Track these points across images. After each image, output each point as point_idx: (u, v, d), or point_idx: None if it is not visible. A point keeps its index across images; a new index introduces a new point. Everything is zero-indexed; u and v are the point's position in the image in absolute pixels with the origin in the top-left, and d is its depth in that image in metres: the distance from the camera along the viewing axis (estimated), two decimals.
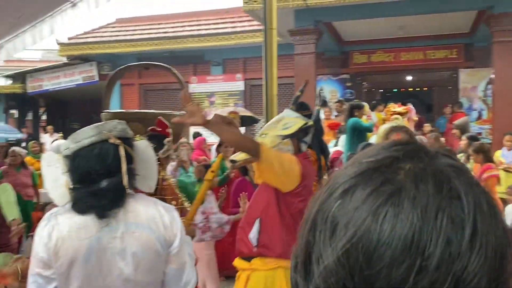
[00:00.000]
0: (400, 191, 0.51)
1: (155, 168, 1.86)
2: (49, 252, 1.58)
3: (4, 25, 4.86)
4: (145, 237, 1.62)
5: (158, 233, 1.65)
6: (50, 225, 1.61)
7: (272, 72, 4.16)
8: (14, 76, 18.18)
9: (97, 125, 1.69)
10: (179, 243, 1.70)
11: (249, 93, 14.44)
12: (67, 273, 1.58)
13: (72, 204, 1.63)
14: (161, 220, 1.67)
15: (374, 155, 0.55)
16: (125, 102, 15.51)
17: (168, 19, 16.16)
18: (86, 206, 1.60)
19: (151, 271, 1.64)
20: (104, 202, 1.60)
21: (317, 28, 9.65)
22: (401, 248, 0.48)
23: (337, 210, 0.53)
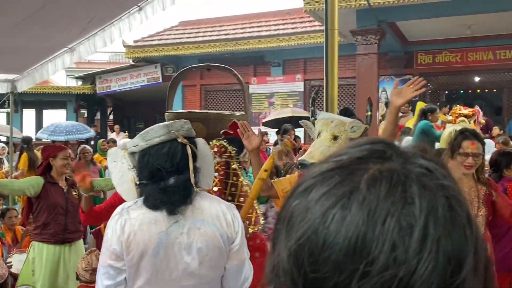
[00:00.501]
0: (351, 193, 0.49)
1: (212, 166, 1.90)
2: (121, 244, 1.65)
3: (76, 29, 5.11)
4: (209, 234, 1.67)
5: (222, 230, 1.69)
6: (123, 219, 1.68)
7: (333, 73, 4.11)
8: (84, 77, 19.13)
9: (166, 125, 1.75)
10: (240, 241, 1.74)
11: (308, 94, 14.36)
12: (137, 265, 1.65)
13: (144, 200, 1.70)
14: (224, 218, 1.72)
15: (340, 155, 0.54)
16: (187, 102, 15.89)
17: (230, 21, 16.39)
18: (157, 202, 1.66)
19: (214, 266, 1.69)
20: (175, 198, 1.66)
21: (380, 28, 9.45)
22: (345, 252, 0.46)
23: (295, 209, 0.52)
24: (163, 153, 1.69)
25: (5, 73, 6.88)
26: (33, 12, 4.18)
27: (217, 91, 15.75)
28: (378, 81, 10.00)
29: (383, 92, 12.90)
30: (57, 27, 4.91)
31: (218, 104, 15.66)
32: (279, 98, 14.54)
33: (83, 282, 3.46)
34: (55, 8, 4.19)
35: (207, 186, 1.90)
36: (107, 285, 1.68)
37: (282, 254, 0.51)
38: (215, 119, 5.49)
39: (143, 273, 1.65)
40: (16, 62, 6.22)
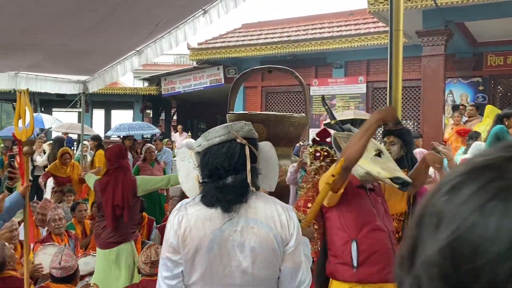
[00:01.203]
0: (510, 187, 0.49)
1: (276, 169, 1.92)
2: (178, 239, 1.73)
3: (143, 33, 5.31)
4: (263, 233, 1.69)
5: (275, 231, 1.70)
6: (181, 214, 1.76)
7: (397, 75, 4.02)
8: (150, 79, 19.80)
9: (226, 125, 1.81)
10: (295, 243, 1.74)
11: (371, 96, 14.10)
12: (192, 260, 1.71)
13: (201, 197, 1.76)
14: (279, 219, 1.73)
15: (486, 155, 0.55)
16: (248, 104, 16.05)
17: (292, 23, 16.40)
18: (213, 200, 1.71)
19: (267, 267, 1.70)
20: (230, 197, 1.70)
21: (448, 29, 9.11)
22: (508, 244, 0.46)
23: (444, 205, 0.53)
24: (222, 152, 1.74)
25: (78, 75, 7.25)
26: (104, 16, 4.39)
27: (278, 93, 15.79)
28: (444, 84, 9.65)
29: (450, 95, 12.43)
30: (126, 31, 5.13)
31: (279, 105, 15.70)
32: (341, 100, 14.37)
33: (144, 276, 3.58)
34: (125, 13, 4.38)
35: (270, 188, 1.92)
36: (165, 276, 1.77)
37: (430, 249, 0.52)
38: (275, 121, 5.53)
39: (198, 267, 1.71)
40: (88, 64, 6.54)
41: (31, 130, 3.66)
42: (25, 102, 3.68)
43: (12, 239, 4.29)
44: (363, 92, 14.02)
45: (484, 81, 12.34)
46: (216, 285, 1.72)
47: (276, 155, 1.97)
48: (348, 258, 2.41)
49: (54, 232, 4.85)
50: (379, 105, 13.91)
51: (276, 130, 5.26)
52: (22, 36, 4.64)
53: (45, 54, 5.51)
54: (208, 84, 16.86)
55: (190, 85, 17.38)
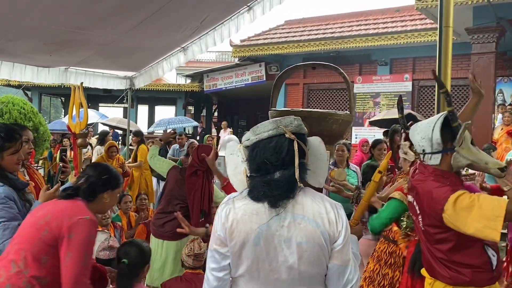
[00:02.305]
0: None
1: (325, 165, 1.90)
2: (225, 231, 1.74)
3: (189, 29, 5.37)
4: (310, 230, 1.67)
5: (323, 227, 1.69)
6: (228, 207, 1.77)
7: (446, 73, 3.90)
8: (193, 75, 20.06)
9: (275, 120, 1.79)
10: (343, 240, 1.71)
11: (417, 94, 13.77)
12: (239, 253, 1.72)
13: (249, 191, 1.76)
14: (326, 216, 1.71)
15: None
16: (289, 101, 16.00)
17: (336, 19, 16.22)
18: (260, 194, 1.71)
19: (314, 263, 1.69)
20: (277, 192, 1.69)
21: (499, 26, 8.78)
22: None
23: None
24: (270, 147, 1.73)
25: (125, 71, 7.41)
26: (151, 14, 4.47)
27: (320, 90, 15.67)
28: (495, 82, 9.31)
29: (500, 94, 11.99)
30: (172, 28, 5.21)
31: (321, 103, 15.58)
32: (385, 98, 14.11)
33: (187, 269, 3.62)
34: (171, 10, 4.44)
35: (318, 184, 1.88)
36: (212, 268, 1.78)
37: None
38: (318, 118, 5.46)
39: (245, 261, 1.71)
40: (134, 61, 6.68)
41: (84, 123, 3.77)
42: (80, 96, 3.79)
43: None
44: (409, 90, 13.71)
45: None
46: (262, 279, 1.72)
47: (325, 150, 1.93)
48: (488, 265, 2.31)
49: (102, 223, 4.99)
50: (425, 103, 13.57)
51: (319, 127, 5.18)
52: (73, 33, 4.79)
53: (94, 50, 5.66)
54: (250, 81, 16.92)
55: (232, 82, 17.50)
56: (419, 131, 2.43)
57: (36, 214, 2.36)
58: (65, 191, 2.45)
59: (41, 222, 2.28)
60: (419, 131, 2.43)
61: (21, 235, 2.32)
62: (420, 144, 2.41)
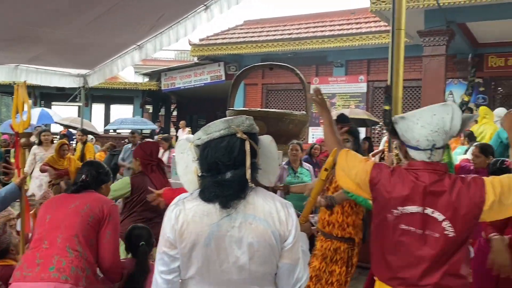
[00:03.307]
0: None
1: (276, 164, 1.91)
2: (175, 233, 1.72)
3: (144, 27, 5.29)
4: (261, 230, 1.67)
5: (274, 227, 1.69)
6: (178, 209, 1.74)
7: (398, 74, 4.02)
8: (151, 74, 19.78)
9: (227, 119, 1.79)
10: (293, 239, 1.73)
11: (371, 95, 14.11)
12: (189, 254, 1.70)
13: (200, 192, 1.75)
14: (277, 215, 1.71)
15: None
16: (248, 101, 16.05)
17: (293, 20, 16.38)
18: (211, 195, 1.70)
19: (264, 263, 1.69)
20: (228, 192, 1.68)
21: (449, 29, 9.10)
22: None
23: None
24: (221, 147, 1.72)
25: (78, 68, 7.23)
26: (106, 10, 4.37)
27: (278, 91, 15.80)
28: (445, 84, 9.64)
29: (450, 95, 12.44)
30: (127, 25, 5.11)
31: (279, 103, 15.70)
32: (341, 99, 14.38)
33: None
34: (127, 7, 4.36)
35: (269, 183, 1.89)
36: (162, 271, 1.76)
37: None
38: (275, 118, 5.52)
39: (195, 262, 1.70)
40: (88, 58, 6.52)
41: (27, 122, 3.67)
42: (23, 95, 3.68)
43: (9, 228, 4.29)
44: (364, 91, 14.03)
45: (485, 82, 12.35)
46: (213, 280, 1.71)
47: (276, 149, 1.94)
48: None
49: None
50: (379, 104, 13.91)
51: (276, 127, 5.25)
52: (24, 29, 4.63)
53: (46, 47, 5.49)
54: (209, 80, 16.85)
55: (191, 81, 17.38)
56: (423, 124, 2.16)
57: (68, 207, 2.78)
58: (74, 186, 2.95)
59: (84, 211, 2.74)
60: (423, 123, 2.16)
61: (64, 225, 2.70)
62: (430, 139, 2.15)
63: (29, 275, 2.58)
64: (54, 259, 2.60)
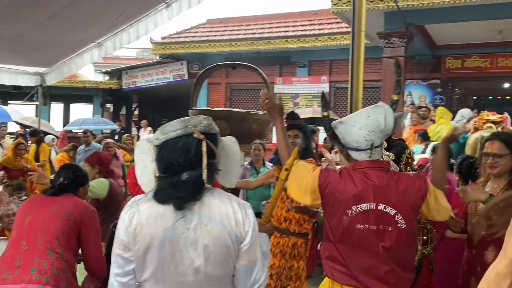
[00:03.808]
0: None
1: (238, 165, 1.89)
2: (128, 236, 1.68)
3: (104, 25, 5.19)
4: (216, 231, 1.65)
5: (230, 228, 1.67)
6: (132, 211, 1.71)
7: (358, 75, 4.07)
8: (111, 72, 19.42)
9: (183, 119, 1.76)
10: (250, 240, 1.70)
11: (333, 96, 14.30)
12: (143, 257, 1.67)
13: (154, 193, 1.71)
14: (233, 216, 1.69)
15: None
16: (211, 100, 15.97)
17: (256, 20, 16.41)
18: (165, 197, 1.67)
19: (221, 264, 1.67)
20: (183, 194, 1.65)
21: (408, 31, 9.32)
22: None
23: None
24: (178, 147, 1.69)
25: (35, 66, 7.02)
26: (63, 6, 4.26)
27: (242, 90, 15.80)
28: (404, 85, 9.87)
29: (409, 96, 12.75)
30: (86, 22, 4.99)
31: (243, 103, 15.70)
32: (304, 99, 14.51)
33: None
34: (85, 3, 4.26)
35: (230, 185, 1.87)
36: (116, 273, 1.73)
37: None
38: (239, 118, 5.52)
39: (149, 265, 1.67)
40: (45, 56, 6.34)
41: None
42: None
43: None
44: (326, 91, 14.19)
45: (442, 83, 12.73)
46: (168, 283, 1.68)
47: (239, 151, 1.93)
48: None
49: (8, 227, 4.69)
50: (341, 104, 14.11)
51: (239, 127, 5.25)
52: None
53: (1, 45, 5.31)
54: (171, 79, 16.68)
55: (152, 80, 17.16)
56: (360, 125, 2.26)
57: (49, 209, 2.83)
58: (52, 188, 2.97)
59: (65, 215, 2.81)
60: (360, 125, 2.26)
61: (44, 227, 2.75)
62: (368, 139, 2.25)
63: (9, 278, 2.61)
64: (35, 261, 2.65)
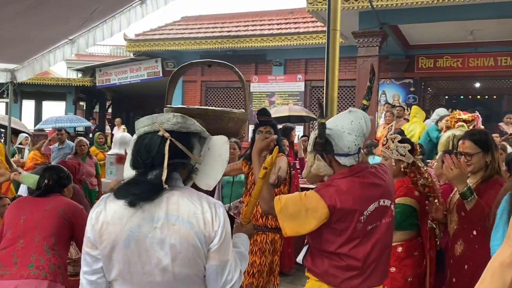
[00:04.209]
0: None
1: (222, 167, 1.83)
2: (95, 233, 1.65)
3: (77, 21, 5.08)
4: (184, 231, 1.62)
5: (198, 228, 1.63)
6: (99, 209, 1.68)
7: (333, 74, 4.09)
8: (85, 69, 19.09)
9: (152, 116, 1.73)
10: (219, 240, 1.66)
11: (309, 94, 14.38)
12: (109, 256, 1.64)
13: (115, 190, 1.68)
14: (202, 216, 1.65)
15: None
16: (187, 98, 15.87)
17: (232, 18, 16.38)
18: (128, 194, 1.63)
19: (189, 265, 1.64)
20: (136, 192, 1.62)
21: (382, 31, 9.43)
22: None
23: None
24: (143, 144, 1.68)
25: (5, 63, 6.85)
26: (35, 1, 4.16)
27: (218, 88, 15.74)
28: (378, 84, 10.00)
29: (383, 95, 12.92)
30: (58, 18, 4.89)
31: (219, 101, 15.65)
32: (280, 97, 14.55)
33: (70, 277, 3.44)
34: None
35: (207, 187, 1.81)
36: (85, 271, 1.70)
37: None
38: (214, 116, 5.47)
39: (116, 264, 1.64)
40: (16, 52, 6.19)
41: None
42: None
43: None
44: (301, 90, 14.27)
45: (415, 83, 12.93)
46: (136, 282, 1.65)
47: (228, 153, 1.86)
48: None
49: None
50: (316, 103, 14.19)
51: (215, 125, 5.19)
52: None
53: None
54: (146, 77, 16.51)
55: (127, 77, 16.95)
56: (349, 131, 2.31)
57: (43, 209, 3.01)
58: (38, 190, 3.11)
59: (60, 213, 3.01)
60: (349, 130, 2.31)
61: (40, 225, 2.94)
62: (356, 143, 2.31)
63: (7, 274, 2.78)
64: (32, 258, 2.83)
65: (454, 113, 7.03)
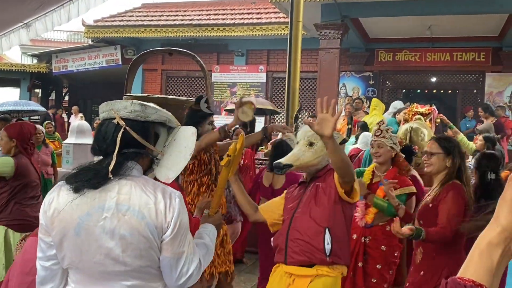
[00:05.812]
0: None
1: (184, 160, 1.74)
2: (47, 220, 1.62)
3: (33, 3, 4.90)
4: (134, 222, 1.58)
5: (149, 219, 1.58)
6: (52, 195, 1.65)
7: (295, 66, 4.13)
8: (40, 55, 18.44)
9: (110, 102, 1.69)
10: (172, 232, 1.61)
11: (270, 86, 14.41)
12: (61, 243, 1.61)
13: (67, 178, 1.64)
14: (154, 207, 1.59)
15: None
16: (147, 87, 15.61)
17: (194, 6, 16.17)
18: (72, 180, 1.61)
19: (141, 256, 1.60)
20: (85, 179, 1.59)
21: (343, 24, 9.55)
22: None
23: None
24: (100, 130, 1.66)
25: None
26: None
27: (179, 77, 15.55)
28: (338, 77, 10.13)
29: (343, 88, 13.10)
30: (12, 1, 4.70)
31: (179, 90, 15.47)
32: (241, 88, 14.52)
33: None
34: None
35: (166, 179, 1.73)
36: (40, 257, 1.68)
37: None
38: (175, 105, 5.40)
39: (67, 252, 1.61)
40: None
41: None
42: None
43: None
44: (263, 81, 14.29)
45: (374, 76, 13.18)
46: (88, 271, 1.62)
47: (194, 145, 1.78)
48: None
49: None
50: (277, 94, 14.25)
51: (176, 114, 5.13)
52: None
53: None
54: (104, 64, 16.12)
55: (84, 64, 16.49)
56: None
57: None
58: None
59: None
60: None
61: None
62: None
63: None
64: None
65: (411, 106, 7.19)
